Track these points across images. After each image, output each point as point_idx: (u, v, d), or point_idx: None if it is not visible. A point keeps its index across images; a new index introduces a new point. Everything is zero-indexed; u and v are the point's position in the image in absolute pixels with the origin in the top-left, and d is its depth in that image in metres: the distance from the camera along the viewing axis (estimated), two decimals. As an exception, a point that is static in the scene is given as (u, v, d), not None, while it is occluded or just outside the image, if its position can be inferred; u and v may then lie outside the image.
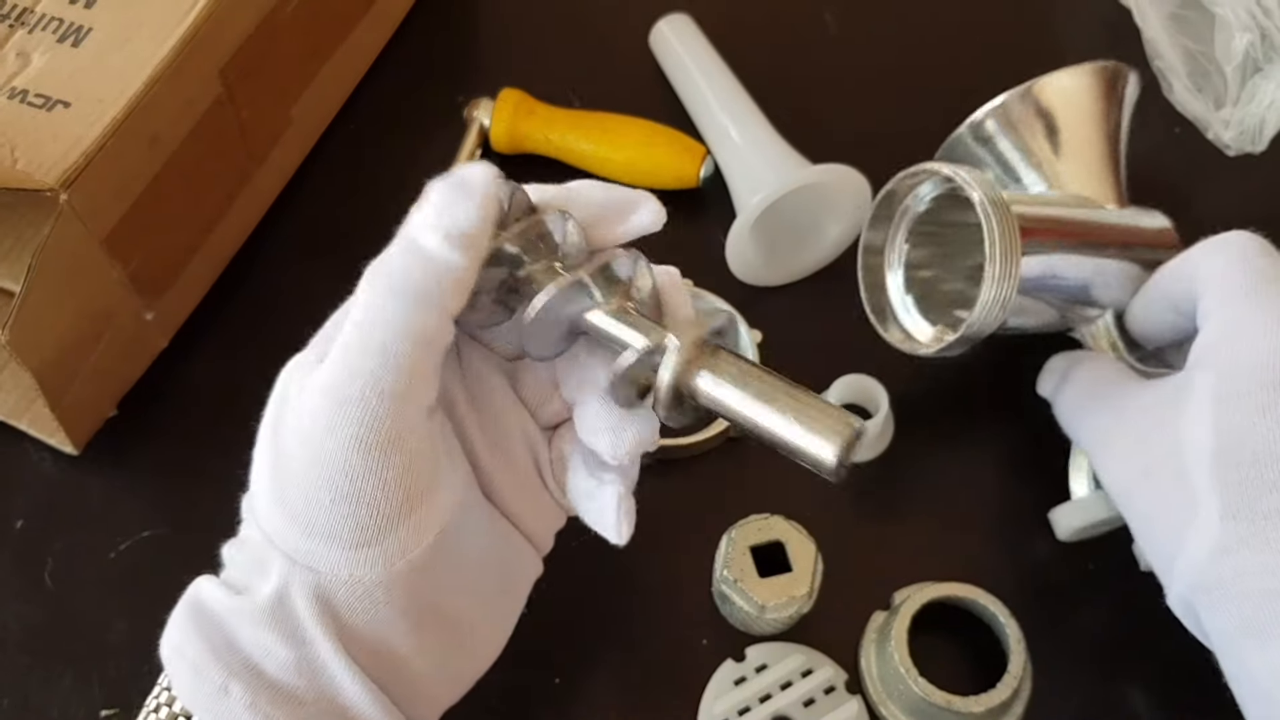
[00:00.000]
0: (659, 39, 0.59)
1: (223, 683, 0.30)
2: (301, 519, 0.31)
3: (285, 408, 0.33)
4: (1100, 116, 0.48)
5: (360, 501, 0.31)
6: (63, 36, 0.45)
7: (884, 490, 0.49)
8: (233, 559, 0.34)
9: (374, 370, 0.31)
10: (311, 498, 0.31)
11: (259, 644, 0.31)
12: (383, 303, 0.31)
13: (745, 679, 0.44)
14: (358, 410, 0.30)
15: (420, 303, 0.31)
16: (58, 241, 0.42)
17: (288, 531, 0.31)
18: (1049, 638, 0.44)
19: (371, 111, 0.59)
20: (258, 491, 0.32)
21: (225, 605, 0.32)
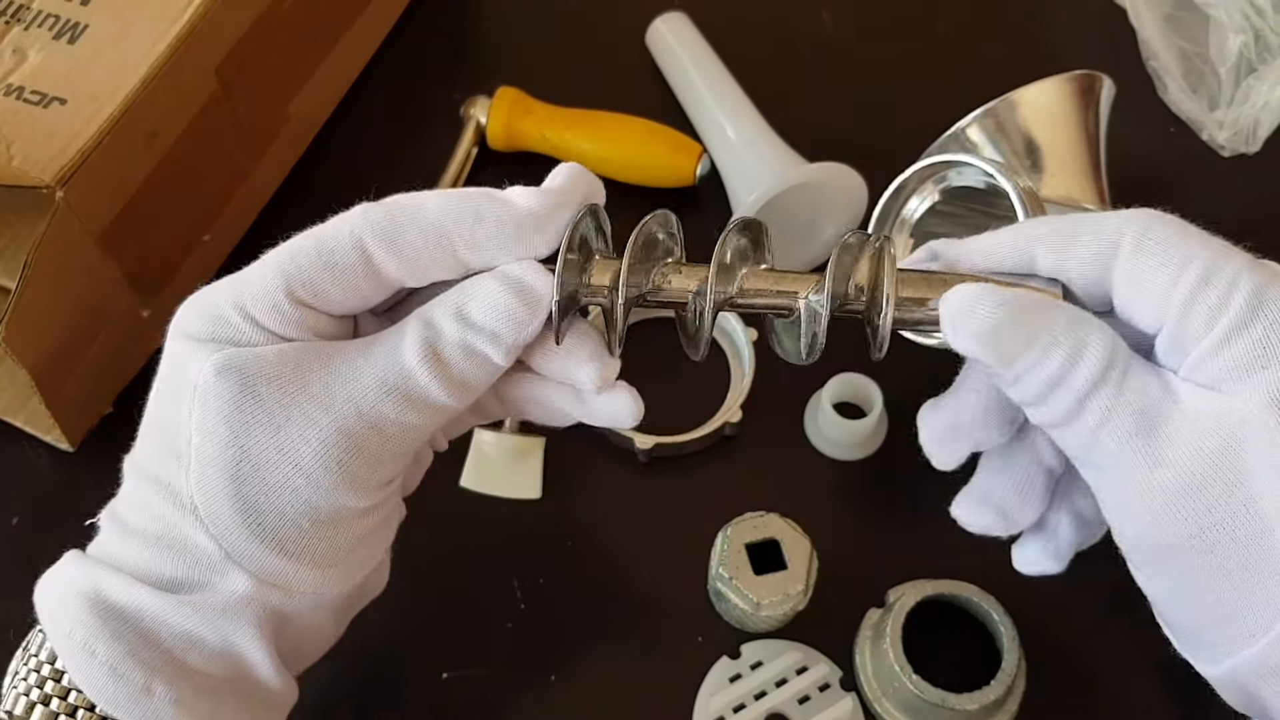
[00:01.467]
0: (655, 37, 0.59)
1: (145, 683, 0.30)
2: (277, 539, 0.31)
3: (252, 412, 0.31)
4: (1079, 125, 0.48)
5: (339, 527, 0.32)
6: (59, 33, 0.45)
7: (878, 488, 0.49)
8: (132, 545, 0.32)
9: (401, 437, 0.32)
10: (294, 522, 0.31)
11: (186, 639, 0.31)
12: (425, 381, 0.31)
13: (740, 676, 0.44)
14: (369, 459, 0.32)
15: (457, 399, 0.32)
16: (53, 238, 0.42)
17: (257, 551, 0.31)
18: (1043, 635, 0.44)
19: (368, 109, 0.59)
20: (213, 502, 0.31)
21: (144, 603, 0.31)
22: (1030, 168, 0.47)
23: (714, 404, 0.50)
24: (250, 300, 0.32)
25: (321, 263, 0.32)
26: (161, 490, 0.32)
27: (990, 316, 0.30)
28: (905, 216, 0.46)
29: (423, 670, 0.44)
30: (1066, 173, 0.48)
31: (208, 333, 0.32)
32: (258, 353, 0.31)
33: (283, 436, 0.31)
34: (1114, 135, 0.55)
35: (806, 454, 0.49)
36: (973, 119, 0.47)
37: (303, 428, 0.31)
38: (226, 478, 0.31)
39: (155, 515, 0.32)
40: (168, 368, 0.33)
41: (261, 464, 0.31)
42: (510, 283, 0.31)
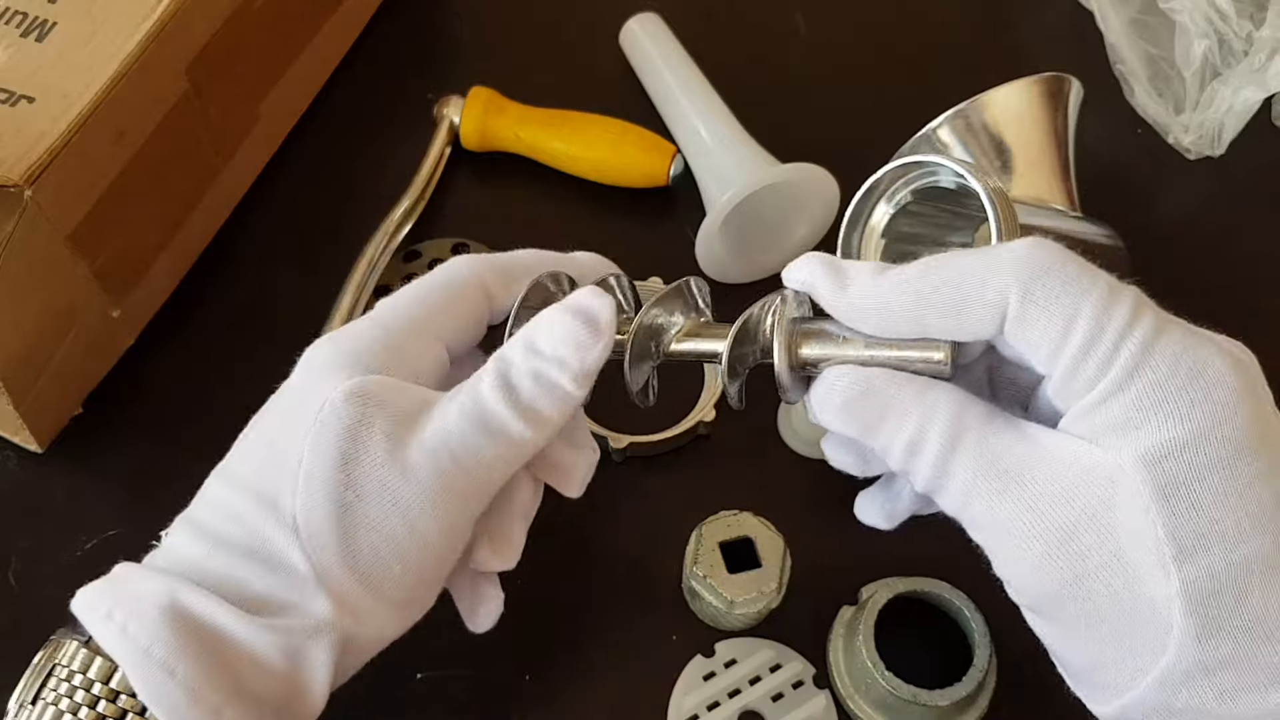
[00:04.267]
0: (629, 38, 0.59)
1: (218, 707, 0.30)
2: (366, 574, 0.32)
3: (365, 443, 0.32)
4: (1048, 126, 0.48)
5: (422, 575, 0.33)
6: (26, 31, 0.44)
7: (851, 486, 0.49)
8: (219, 555, 0.32)
9: (485, 475, 0.33)
10: (386, 564, 0.32)
11: (256, 663, 0.31)
12: (499, 410, 0.33)
13: (714, 674, 0.44)
14: (460, 503, 0.33)
15: (534, 429, 0.33)
16: (22, 238, 0.41)
17: (346, 580, 0.32)
18: (1014, 631, 0.45)
19: (341, 108, 0.59)
20: (315, 525, 0.32)
21: (226, 624, 0.31)
22: (1000, 168, 0.48)
23: (688, 403, 0.50)
24: (391, 333, 0.34)
25: (449, 295, 0.36)
26: (263, 504, 0.32)
27: (845, 392, 0.33)
28: (877, 217, 0.47)
29: (396, 670, 0.44)
30: (1036, 173, 0.48)
31: (350, 361, 0.33)
32: (383, 382, 0.33)
33: (387, 472, 0.32)
34: (1081, 137, 0.56)
35: (780, 453, 0.50)
36: (943, 120, 0.48)
37: (406, 467, 0.32)
38: (332, 500, 0.32)
39: (251, 528, 0.32)
40: (293, 394, 0.34)
41: (366, 495, 0.32)
42: (571, 309, 0.34)
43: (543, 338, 0.34)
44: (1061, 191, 0.48)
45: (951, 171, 0.43)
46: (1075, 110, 0.50)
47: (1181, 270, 0.55)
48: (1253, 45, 0.56)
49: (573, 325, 0.33)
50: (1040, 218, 0.46)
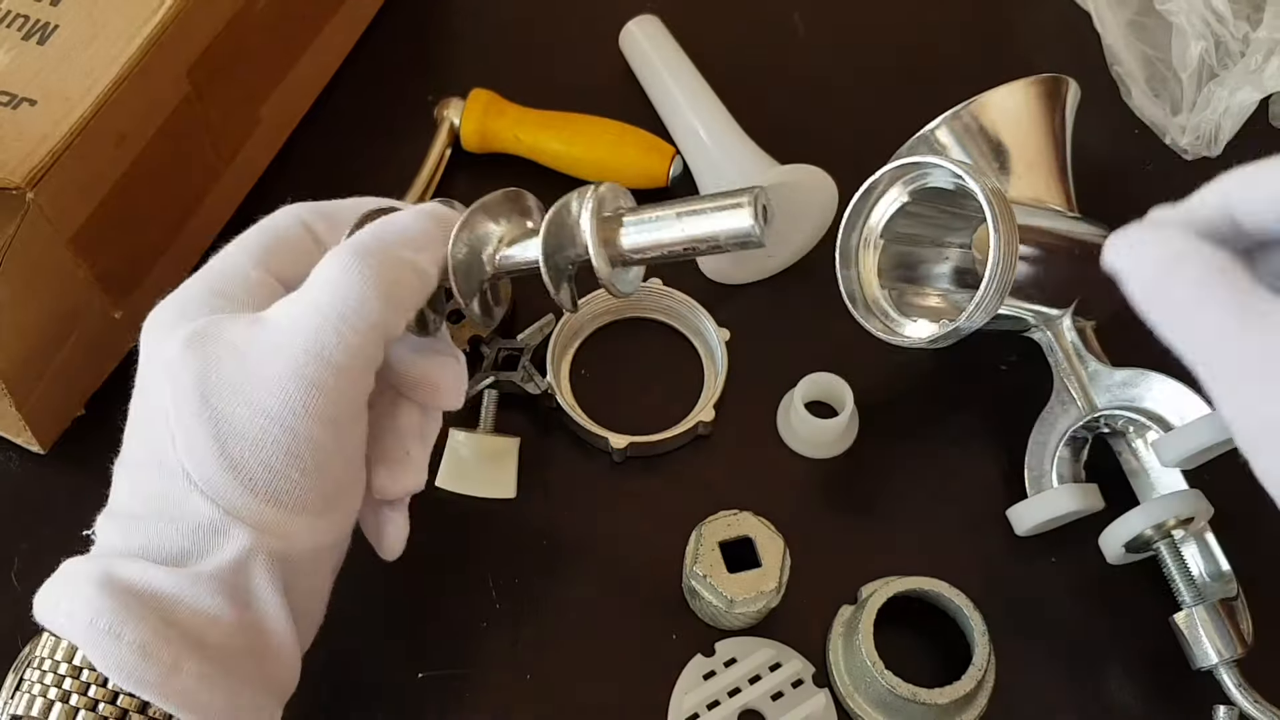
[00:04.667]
0: (628, 40, 0.59)
1: (174, 660, 0.31)
2: (268, 491, 0.33)
3: (215, 376, 0.33)
4: (1045, 127, 0.49)
5: (325, 474, 0.33)
6: (28, 34, 0.45)
7: (850, 486, 0.49)
8: (136, 529, 0.33)
9: (346, 358, 0.33)
10: (280, 472, 0.33)
11: (205, 613, 0.32)
12: (363, 295, 0.33)
13: (714, 673, 0.44)
14: (329, 394, 0.33)
15: (400, 310, 0.34)
16: (24, 240, 0.41)
17: (252, 503, 0.32)
18: (1012, 630, 0.45)
19: (341, 111, 0.59)
20: (202, 465, 0.32)
21: (160, 582, 0.32)
22: (998, 169, 0.48)
23: (687, 403, 0.50)
24: (216, 279, 0.35)
25: (271, 236, 0.37)
26: (153, 470, 0.33)
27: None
28: (875, 218, 0.47)
29: (398, 670, 0.44)
30: (1033, 174, 0.48)
31: (178, 317, 0.35)
32: (213, 320, 0.34)
33: (248, 389, 0.32)
34: (1079, 138, 0.56)
35: (779, 452, 0.50)
36: (941, 121, 0.48)
37: (263, 379, 0.33)
38: (209, 438, 0.32)
39: (151, 494, 0.33)
40: (144, 365, 0.35)
41: (236, 420, 0.32)
42: (418, 209, 0.36)
43: (397, 225, 0.35)
44: (1059, 192, 0.49)
45: (949, 172, 0.44)
46: (1073, 111, 0.50)
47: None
48: (1249, 46, 0.56)
49: (423, 217, 0.35)
50: (1038, 218, 0.46)
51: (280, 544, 0.33)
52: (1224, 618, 0.42)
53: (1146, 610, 0.46)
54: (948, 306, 0.48)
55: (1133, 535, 0.43)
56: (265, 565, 0.33)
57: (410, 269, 0.34)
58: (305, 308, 0.33)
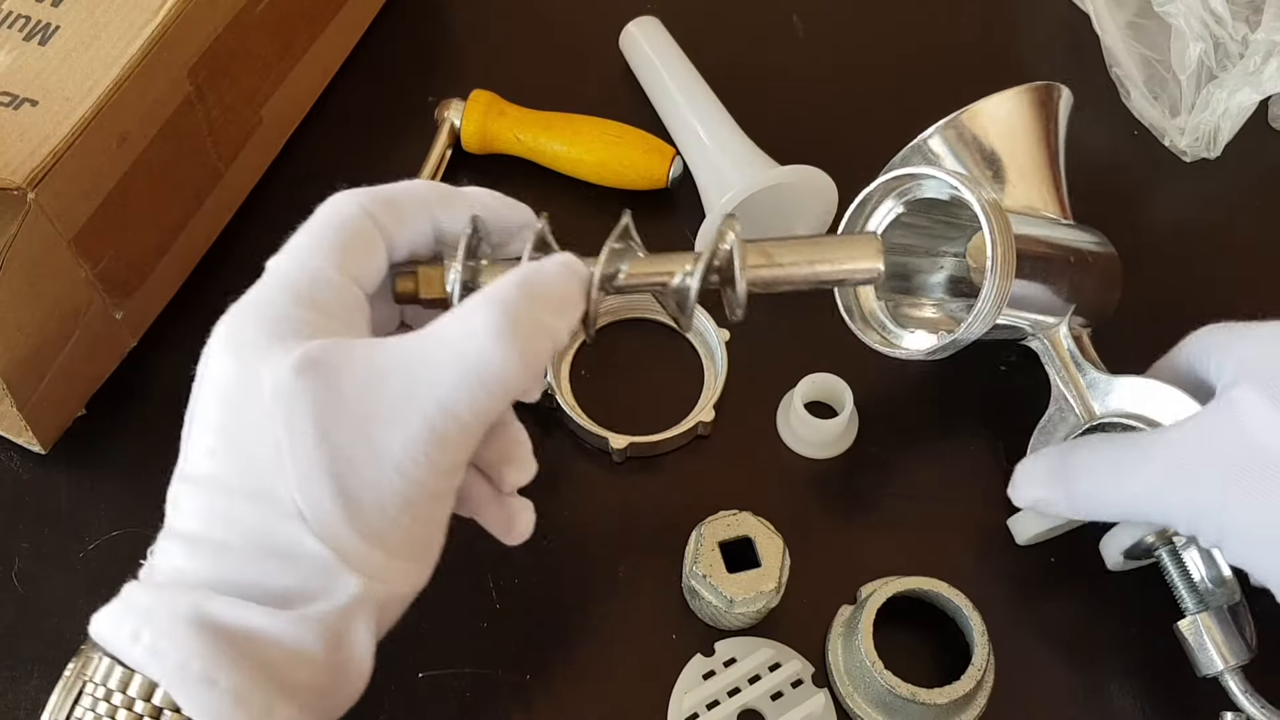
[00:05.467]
0: (628, 41, 0.59)
1: (268, 706, 0.30)
2: (380, 538, 0.31)
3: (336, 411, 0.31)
4: (1038, 135, 0.48)
5: (432, 522, 0.33)
6: (29, 34, 0.45)
7: (850, 486, 0.49)
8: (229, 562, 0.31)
9: (475, 419, 0.32)
10: (394, 519, 0.32)
11: (299, 655, 0.31)
12: (508, 364, 0.32)
13: (714, 673, 0.44)
14: (452, 447, 0.32)
15: (535, 377, 0.33)
16: (25, 241, 0.41)
17: (364, 549, 0.31)
18: (1012, 630, 0.45)
19: (342, 112, 0.59)
20: (319, 506, 0.31)
21: (256, 622, 0.30)
22: (992, 178, 0.48)
23: (687, 403, 0.50)
24: (304, 288, 0.33)
25: (344, 233, 0.34)
26: (257, 501, 0.31)
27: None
28: (870, 229, 0.47)
29: (398, 670, 0.44)
30: (1027, 182, 0.48)
31: (270, 336, 0.32)
32: (328, 345, 0.32)
33: (370, 431, 0.31)
34: (1078, 140, 0.56)
35: (779, 452, 0.50)
36: (934, 130, 0.48)
37: (389, 423, 0.31)
38: (327, 477, 0.31)
39: (253, 527, 0.31)
40: (230, 381, 0.32)
41: (356, 461, 0.31)
42: (568, 264, 0.34)
43: (545, 285, 0.33)
44: (1054, 200, 0.49)
45: (945, 183, 0.44)
46: (1065, 118, 0.50)
47: (1178, 272, 0.55)
48: (1248, 48, 0.56)
49: (570, 277, 0.34)
50: (1034, 227, 0.46)
51: (384, 590, 0.32)
52: (1229, 624, 0.42)
53: (1147, 611, 0.46)
54: (943, 316, 0.48)
55: (1133, 542, 0.43)
56: (368, 611, 0.32)
57: (550, 338, 0.33)
58: (446, 357, 0.32)
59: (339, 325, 0.33)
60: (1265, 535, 0.37)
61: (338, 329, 0.33)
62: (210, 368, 0.33)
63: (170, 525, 0.33)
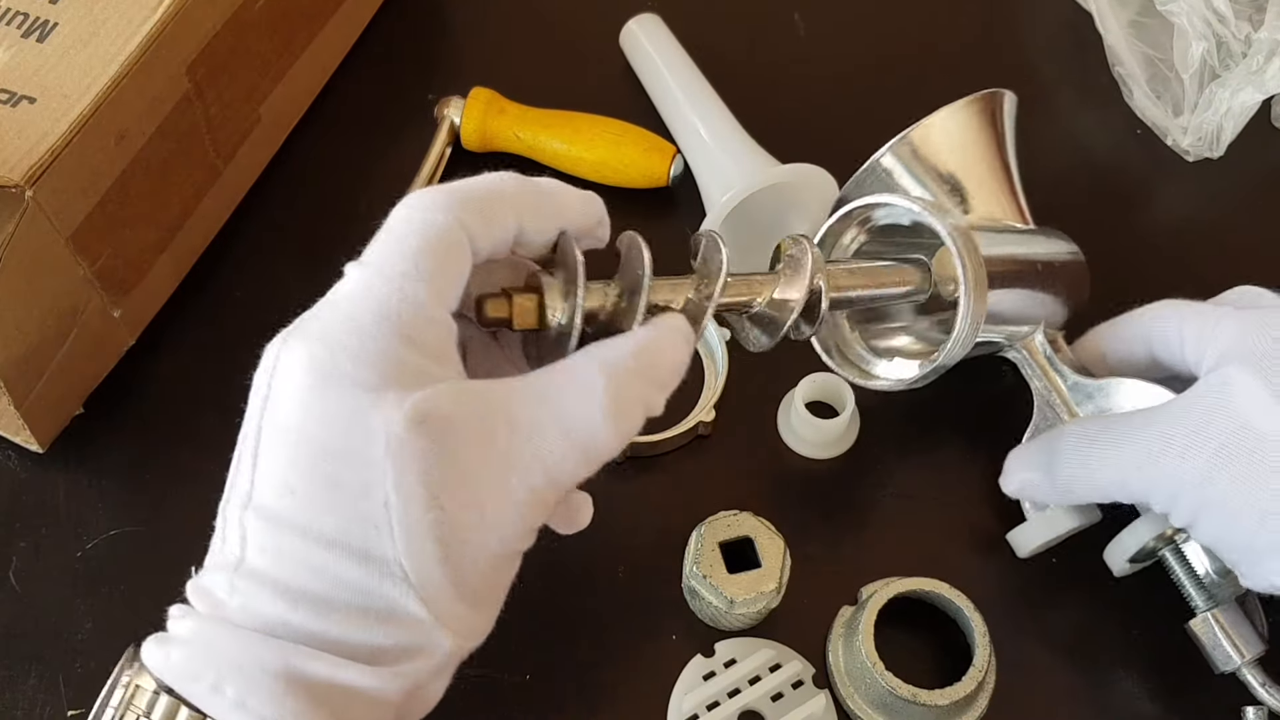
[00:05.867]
0: (629, 38, 0.59)
1: None
2: (476, 600, 0.32)
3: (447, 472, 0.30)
4: (989, 144, 0.48)
5: (512, 575, 0.33)
6: (27, 31, 0.45)
7: (850, 487, 0.49)
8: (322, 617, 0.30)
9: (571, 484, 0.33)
10: (490, 580, 0.32)
11: (382, 705, 0.30)
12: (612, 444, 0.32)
13: (714, 674, 0.44)
14: (547, 512, 0.33)
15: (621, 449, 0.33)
16: (23, 238, 0.41)
17: (462, 613, 0.31)
18: (1013, 631, 0.45)
19: (341, 109, 0.59)
20: (426, 571, 0.30)
21: (348, 680, 0.30)
22: (950, 192, 0.47)
23: (688, 403, 0.50)
24: (406, 323, 0.31)
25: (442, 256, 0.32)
26: (360, 559, 0.30)
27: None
28: (836, 259, 0.46)
29: (397, 671, 0.44)
30: (986, 192, 0.48)
31: (378, 376, 0.30)
32: (439, 397, 0.30)
33: (478, 495, 0.30)
34: (1081, 139, 0.56)
35: (779, 453, 0.50)
36: (886, 150, 0.47)
37: (494, 487, 0.31)
38: (435, 542, 0.30)
39: (352, 585, 0.30)
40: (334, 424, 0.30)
41: (461, 525, 0.30)
42: (685, 338, 0.34)
43: (660, 363, 0.33)
44: (1012, 206, 0.48)
45: (908, 210, 0.43)
46: (1012, 123, 0.50)
47: (1180, 272, 0.55)
48: (1251, 47, 0.56)
49: (685, 354, 0.34)
50: (1001, 245, 0.45)
51: (466, 644, 0.32)
52: (1240, 617, 0.42)
53: (1149, 612, 0.46)
54: (914, 339, 0.48)
55: (1139, 547, 0.43)
56: (449, 671, 0.32)
57: (647, 413, 0.33)
58: (556, 429, 0.31)
59: (437, 364, 0.31)
60: (1244, 511, 0.38)
61: (435, 370, 0.31)
62: (288, 394, 0.31)
63: (236, 556, 0.31)
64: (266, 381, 0.31)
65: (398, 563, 0.30)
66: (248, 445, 0.32)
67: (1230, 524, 0.39)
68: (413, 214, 0.32)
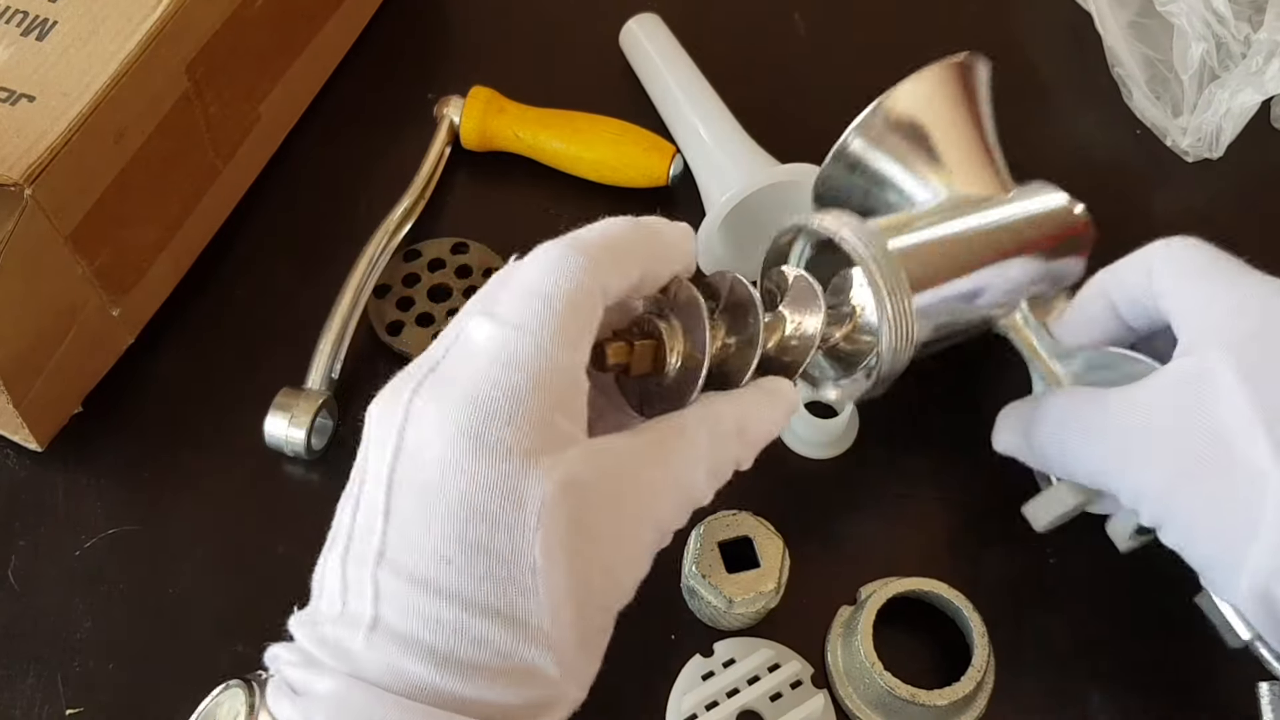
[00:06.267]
0: (629, 38, 0.59)
1: None
2: (595, 655, 0.33)
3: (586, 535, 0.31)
4: (962, 112, 0.46)
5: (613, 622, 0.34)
6: (27, 30, 0.45)
7: (850, 486, 0.49)
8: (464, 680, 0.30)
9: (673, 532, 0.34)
10: (604, 632, 0.33)
11: None
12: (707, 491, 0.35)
13: (713, 674, 0.44)
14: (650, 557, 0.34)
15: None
16: (22, 237, 0.41)
17: (586, 669, 0.32)
18: (1012, 631, 0.45)
19: (341, 108, 0.59)
20: (564, 636, 0.30)
21: None
22: (928, 160, 0.46)
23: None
24: (557, 390, 0.31)
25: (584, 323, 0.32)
26: (506, 623, 0.30)
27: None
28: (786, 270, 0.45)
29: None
30: (962, 159, 0.46)
31: (533, 441, 0.30)
32: (580, 461, 0.31)
33: (606, 555, 0.31)
34: (1080, 140, 0.56)
35: (779, 452, 0.50)
36: (851, 131, 0.46)
37: (620, 547, 0.32)
38: (574, 607, 0.31)
39: (496, 648, 0.30)
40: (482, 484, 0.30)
41: (594, 589, 0.31)
42: (786, 403, 0.36)
43: (756, 428, 0.35)
44: (990, 174, 0.46)
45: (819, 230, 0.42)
46: (987, 88, 0.48)
47: (1179, 272, 0.55)
48: (1250, 48, 0.56)
49: (783, 421, 0.36)
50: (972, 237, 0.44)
51: (584, 695, 0.33)
52: None
53: (1148, 611, 0.46)
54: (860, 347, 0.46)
55: (1137, 525, 0.42)
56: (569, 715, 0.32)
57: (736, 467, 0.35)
58: (670, 487, 0.33)
59: (576, 427, 0.32)
60: (1210, 531, 0.37)
61: (576, 433, 0.31)
62: (435, 455, 0.30)
63: (370, 615, 0.30)
64: (396, 433, 0.30)
65: (539, 623, 0.30)
66: (373, 499, 0.31)
67: (1196, 539, 0.38)
68: (554, 273, 0.32)
